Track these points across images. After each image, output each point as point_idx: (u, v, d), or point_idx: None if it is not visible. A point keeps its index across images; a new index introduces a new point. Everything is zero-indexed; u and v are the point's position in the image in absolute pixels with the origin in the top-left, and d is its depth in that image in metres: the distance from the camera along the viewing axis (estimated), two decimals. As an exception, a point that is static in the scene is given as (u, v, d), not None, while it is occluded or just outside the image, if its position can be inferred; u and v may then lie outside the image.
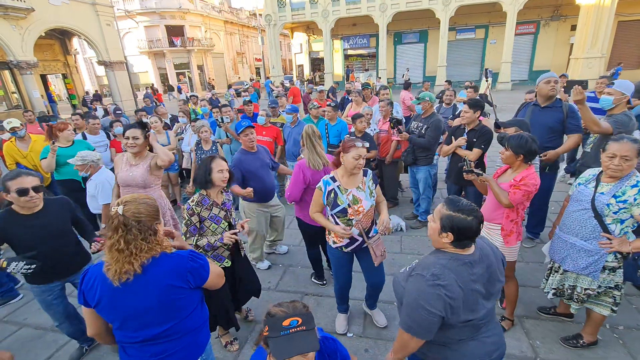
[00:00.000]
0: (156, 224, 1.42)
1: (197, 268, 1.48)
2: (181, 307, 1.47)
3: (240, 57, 33.35)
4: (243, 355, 2.62)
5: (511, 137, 2.39)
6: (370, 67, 23.92)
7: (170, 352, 1.48)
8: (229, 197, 2.55)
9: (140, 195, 1.45)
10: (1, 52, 13.50)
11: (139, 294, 1.36)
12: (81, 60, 23.77)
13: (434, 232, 1.46)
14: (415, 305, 1.35)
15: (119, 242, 1.33)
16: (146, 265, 1.37)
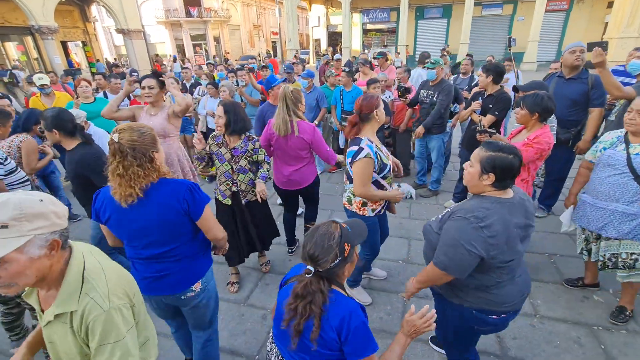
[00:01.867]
0: (152, 151, 1.45)
1: (193, 199, 1.51)
2: (180, 232, 1.54)
3: (256, 30, 32.74)
4: (239, 296, 2.83)
5: (526, 96, 2.35)
6: (389, 43, 23.18)
7: (172, 271, 1.60)
8: (246, 145, 2.51)
9: (135, 124, 1.48)
10: (23, 17, 13.68)
11: (142, 214, 1.46)
12: (100, 29, 23.84)
13: (473, 177, 1.45)
14: (455, 243, 1.38)
15: (118, 168, 1.40)
16: (147, 189, 1.44)
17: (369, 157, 2.02)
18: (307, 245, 1.14)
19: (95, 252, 1.11)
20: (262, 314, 2.62)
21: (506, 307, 1.50)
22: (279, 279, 2.99)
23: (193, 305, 1.72)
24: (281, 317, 1.17)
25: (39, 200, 0.90)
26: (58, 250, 0.95)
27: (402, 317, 2.51)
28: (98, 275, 1.01)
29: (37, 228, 0.88)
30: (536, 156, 2.27)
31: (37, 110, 3.01)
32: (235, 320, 2.55)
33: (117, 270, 1.09)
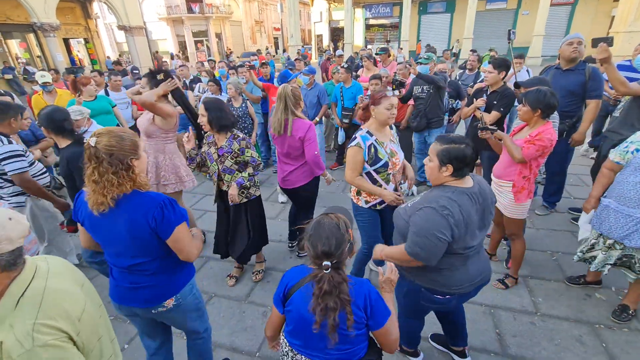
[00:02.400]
0: (131, 159, 1.37)
1: (162, 218, 1.41)
2: (150, 249, 1.46)
3: (258, 26, 32.62)
4: (240, 293, 2.84)
5: (529, 92, 2.32)
6: (391, 39, 23.01)
7: (144, 285, 1.52)
8: (230, 144, 2.42)
9: (116, 129, 1.42)
10: (26, 14, 13.70)
11: (111, 225, 1.40)
12: (102, 26, 23.82)
13: (433, 170, 1.55)
14: (426, 233, 1.45)
15: (93, 174, 1.34)
16: (119, 200, 1.37)
17: (359, 146, 2.14)
18: (317, 244, 1.15)
19: (57, 272, 1.04)
20: (262, 311, 2.63)
21: (452, 290, 1.62)
22: (279, 277, 2.99)
23: (165, 318, 1.66)
24: (307, 322, 1.18)
25: None
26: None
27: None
28: (33, 303, 0.92)
29: None
30: (537, 153, 2.25)
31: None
32: (236, 318, 2.56)
33: (63, 300, 0.98)
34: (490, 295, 2.64)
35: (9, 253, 0.91)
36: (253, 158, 2.52)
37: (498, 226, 2.87)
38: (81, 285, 1.12)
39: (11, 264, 0.92)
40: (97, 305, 1.17)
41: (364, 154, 2.14)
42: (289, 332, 1.31)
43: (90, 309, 1.08)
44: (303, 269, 1.30)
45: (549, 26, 17.64)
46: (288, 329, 1.31)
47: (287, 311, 1.27)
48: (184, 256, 1.53)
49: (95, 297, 1.19)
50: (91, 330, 1.06)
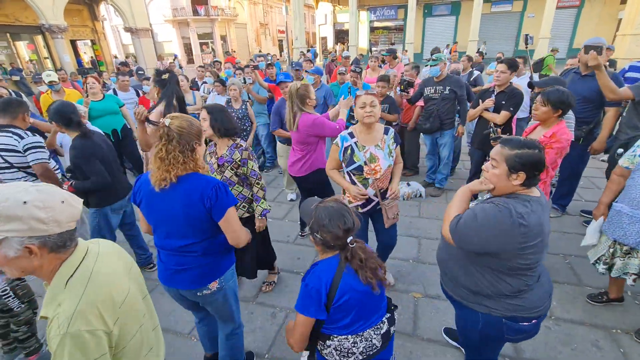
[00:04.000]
0: (195, 143, 1.52)
1: (217, 199, 1.50)
2: (201, 229, 1.55)
3: (263, 29, 32.75)
4: (248, 294, 2.79)
5: (550, 92, 2.25)
6: (396, 41, 22.99)
7: (190, 266, 1.60)
8: (231, 154, 2.22)
9: (187, 115, 1.58)
10: (34, 16, 13.84)
11: (170, 201, 1.50)
12: (108, 28, 24.02)
13: (500, 178, 1.34)
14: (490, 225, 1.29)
15: (162, 151, 1.47)
16: (181, 177, 1.48)
17: (336, 144, 2.27)
18: (336, 227, 1.24)
19: (106, 255, 1.05)
20: (271, 312, 2.60)
21: (538, 312, 1.43)
22: (288, 277, 2.97)
23: (209, 302, 1.72)
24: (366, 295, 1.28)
25: (22, 202, 0.84)
26: (43, 256, 0.90)
27: (413, 318, 2.47)
28: (79, 286, 0.93)
29: (11, 230, 0.83)
30: (557, 156, 2.20)
31: None
32: (245, 319, 2.51)
33: (108, 284, 0.98)
34: (502, 298, 2.59)
35: (57, 235, 0.90)
36: (254, 172, 2.29)
37: None
38: (128, 270, 1.12)
39: (60, 245, 0.92)
40: (142, 292, 1.17)
41: (339, 154, 2.25)
42: (348, 323, 1.29)
43: (135, 294, 1.08)
44: (324, 264, 1.31)
45: (555, 29, 17.59)
46: (345, 321, 1.29)
47: (339, 306, 1.25)
48: (234, 238, 1.61)
49: (141, 283, 1.19)
50: (133, 316, 1.04)
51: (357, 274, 1.27)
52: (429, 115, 4.08)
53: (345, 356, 1.31)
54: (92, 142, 2.53)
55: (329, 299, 1.25)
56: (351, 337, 1.30)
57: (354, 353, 1.30)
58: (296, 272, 3.06)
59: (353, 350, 1.30)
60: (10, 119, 2.45)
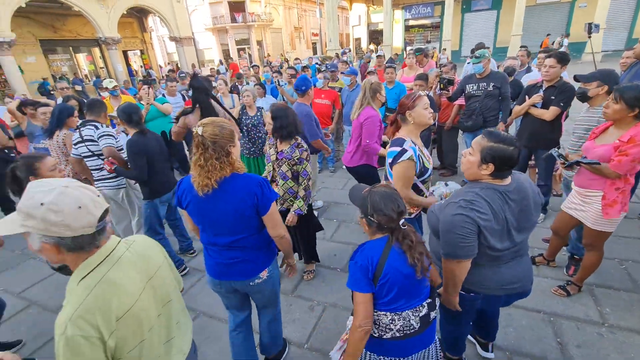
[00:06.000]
0: (230, 146, 1.55)
1: (262, 194, 1.59)
2: (248, 224, 1.64)
3: (297, 32, 33.36)
4: (287, 287, 2.91)
5: (625, 88, 2.02)
6: (432, 39, 22.38)
7: (241, 259, 1.71)
8: (292, 151, 2.47)
9: (217, 119, 1.59)
10: (92, 30, 15.24)
11: (216, 204, 1.57)
12: (154, 38, 25.77)
13: (473, 165, 1.47)
14: (450, 228, 1.42)
15: (200, 159, 1.51)
16: (221, 182, 1.54)
17: (412, 159, 1.92)
18: (390, 210, 1.33)
19: (126, 262, 1.05)
20: (309, 305, 2.69)
21: (475, 288, 1.58)
22: (325, 273, 3.05)
23: (259, 290, 1.83)
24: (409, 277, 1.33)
25: (40, 204, 0.88)
26: (62, 254, 0.95)
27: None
28: (82, 293, 0.94)
29: (30, 226, 0.89)
30: (634, 163, 1.98)
31: (69, 106, 3.46)
32: (284, 310, 2.62)
33: (102, 296, 0.95)
34: (549, 302, 2.48)
35: (71, 238, 0.93)
36: (305, 172, 2.52)
37: (558, 235, 2.63)
38: (149, 278, 1.11)
39: (77, 247, 0.95)
40: (162, 300, 1.16)
41: (416, 167, 1.96)
42: (389, 301, 1.36)
43: (143, 307, 1.05)
44: (372, 244, 1.39)
45: (610, 17, 16.14)
46: (387, 298, 1.35)
47: (383, 283, 1.32)
48: (276, 231, 1.71)
49: (166, 291, 1.18)
50: (133, 331, 1.01)
51: (404, 255, 1.34)
52: (471, 112, 3.96)
53: (383, 330, 1.39)
54: (145, 140, 2.83)
55: (375, 276, 1.32)
56: (389, 314, 1.37)
57: (391, 329, 1.38)
58: (333, 268, 3.13)
59: (390, 327, 1.37)
60: (95, 116, 3.06)
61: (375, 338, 1.40)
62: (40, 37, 15.71)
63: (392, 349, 1.40)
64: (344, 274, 3.03)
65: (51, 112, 3.65)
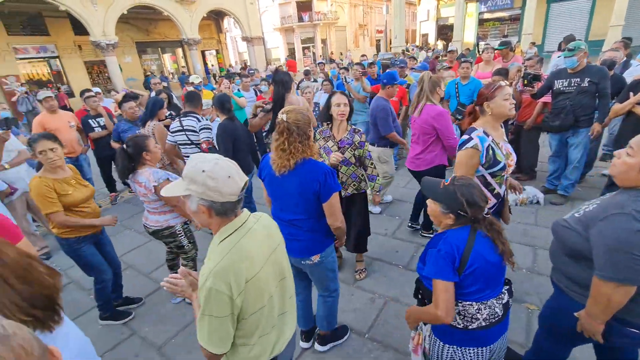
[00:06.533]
0: (309, 130, 1.71)
1: (325, 183, 1.70)
2: (310, 208, 1.78)
3: (362, 30, 33.15)
4: (349, 277, 2.94)
5: None
6: (509, 33, 20.51)
7: (299, 238, 1.85)
8: (352, 137, 2.56)
9: (297, 107, 1.77)
10: (177, 32, 16.94)
11: (287, 183, 1.73)
12: (228, 39, 27.74)
13: (633, 168, 1.24)
14: (624, 246, 1.18)
15: (284, 144, 1.67)
16: (298, 164, 1.69)
17: (476, 148, 1.87)
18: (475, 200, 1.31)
19: (256, 233, 1.19)
20: (370, 297, 2.72)
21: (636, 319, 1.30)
22: (386, 268, 3.05)
23: (311, 272, 1.99)
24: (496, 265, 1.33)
25: (201, 171, 1.05)
26: (211, 216, 1.11)
27: (526, 329, 2.28)
28: (220, 253, 1.09)
29: (192, 190, 1.07)
30: None
31: (160, 99, 3.91)
32: (345, 299, 2.70)
33: (236, 260, 1.09)
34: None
35: (220, 203, 1.09)
36: (369, 153, 2.70)
37: None
38: (272, 251, 1.24)
39: (222, 212, 1.11)
40: (280, 274, 1.28)
41: (481, 157, 1.90)
42: (476, 290, 1.33)
43: (265, 276, 1.18)
44: (454, 233, 1.36)
45: None
46: (473, 287, 1.33)
47: (470, 273, 1.30)
48: (333, 220, 1.81)
49: (284, 266, 1.30)
50: (256, 295, 1.14)
51: (491, 243, 1.34)
52: (560, 111, 3.57)
53: (470, 321, 1.35)
54: (234, 126, 3.18)
55: (460, 265, 1.30)
56: (476, 304, 1.34)
57: (478, 319, 1.34)
58: (394, 264, 3.11)
59: (477, 317, 1.34)
60: (193, 107, 3.43)
61: (459, 329, 1.37)
62: (136, 39, 17.95)
63: (477, 338, 1.37)
64: (406, 271, 2.99)
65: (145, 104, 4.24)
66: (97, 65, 16.56)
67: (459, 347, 1.39)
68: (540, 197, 3.88)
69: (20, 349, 0.56)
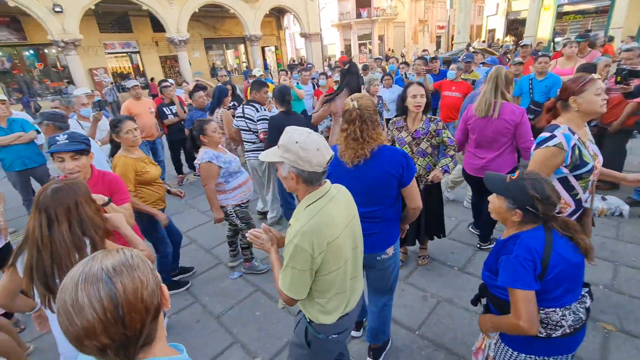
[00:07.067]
0: (376, 117, 1.68)
1: (408, 165, 1.67)
2: (386, 195, 1.71)
3: (422, 26, 31.88)
4: (401, 273, 2.89)
5: None
6: (594, 27, 18.26)
7: (372, 232, 1.74)
8: (428, 126, 2.50)
9: (365, 94, 1.75)
10: (241, 29, 17.84)
11: (360, 174, 1.65)
12: (287, 35, 28.52)
13: None
14: None
15: (355, 132, 1.61)
16: (374, 151, 1.65)
17: (560, 147, 1.67)
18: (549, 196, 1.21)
19: (338, 202, 1.30)
20: (422, 294, 2.66)
21: None
22: (441, 268, 2.95)
23: (383, 268, 1.86)
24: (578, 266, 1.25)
25: (295, 142, 1.17)
26: (298, 183, 1.23)
27: (600, 350, 2.06)
28: (309, 214, 1.22)
29: (285, 157, 1.19)
30: None
31: (225, 88, 4.22)
32: (397, 294, 2.62)
33: (321, 223, 1.21)
34: None
35: (308, 172, 1.19)
36: (450, 139, 2.57)
37: None
38: (349, 220, 1.34)
39: (309, 180, 1.23)
40: (354, 243, 1.38)
41: (566, 157, 1.69)
42: (560, 295, 1.23)
43: (343, 241, 1.28)
44: (529, 235, 1.26)
45: None
46: (556, 293, 1.23)
47: (552, 278, 1.20)
48: (416, 202, 1.77)
49: (357, 235, 1.40)
50: (335, 257, 1.26)
51: (570, 243, 1.25)
52: None
53: (553, 329, 1.25)
54: (289, 118, 3.20)
55: (542, 271, 1.20)
56: (559, 310, 1.24)
57: (562, 326, 1.24)
58: (449, 265, 2.99)
59: (562, 323, 1.24)
60: (256, 91, 3.56)
61: (541, 339, 1.26)
62: (205, 36, 19.28)
63: (560, 346, 1.27)
64: (462, 274, 2.86)
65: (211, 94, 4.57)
66: (169, 59, 18.16)
67: (538, 357, 1.29)
68: (625, 209, 3.43)
69: (139, 280, 0.66)
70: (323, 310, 1.34)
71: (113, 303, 0.61)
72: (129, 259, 0.68)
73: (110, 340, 0.61)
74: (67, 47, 11.89)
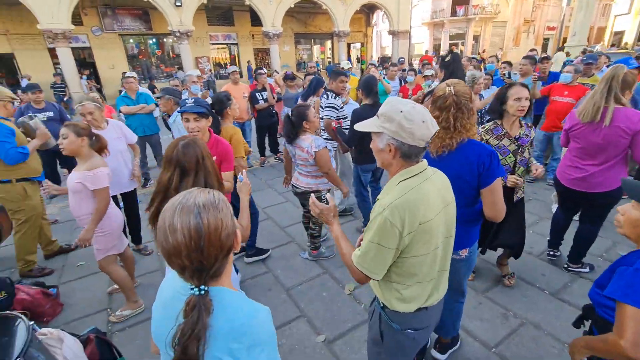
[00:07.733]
0: (472, 106, 1.54)
1: (490, 165, 1.50)
2: (463, 194, 1.55)
3: (526, 26, 28.54)
4: (479, 285, 2.66)
5: None
6: None
7: None
8: (529, 133, 2.25)
9: (457, 79, 1.59)
10: (330, 25, 18.24)
11: (444, 166, 1.48)
12: (374, 33, 28.26)
13: None
14: None
15: (448, 120, 1.49)
16: (460, 144, 1.52)
17: None
18: None
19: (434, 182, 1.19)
20: (502, 312, 2.41)
21: None
22: (528, 289, 2.66)
23: (454, 270, 1.70)
24: None
25: (399, 111, 1.07)
26: (395, 157, 1.13)
27: None
28: (400, 191, 1.11)
29: (386, 128, 1.09)
30: None
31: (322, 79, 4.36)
32: (471, 305, 2.48)
33: (415, 200, 1.11)
34: None
35: (408, 146, 1.09)
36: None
37: None
38: (444, 206, 1.21)
39: (407, 155, 1.12)
40: (447, 232, 1.25)
41: None
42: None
43: (436, 226, 1.16)
44: None
45: None
46: None
47: None
48: (492, 210, 1.56)
49: (450, 225, 1.26)
50: (424, 240, 1.14)
51: None
52: None
53: None
54: (367, 112, 3.08)
55: None
56: None
57: None
58: (538, 287, 2.66)
59: None
60: (332, 80, 3.55)
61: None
62: (295, 30, 20.22)
63: None
64: (554, 299, 2.53)
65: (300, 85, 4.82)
66: (261, 52, 19.52)
67: None
68: None
69: (220, 221, 0.78)
70: (400, 297, 1.23)
71: (198, 233, 0.73)
72: (216, 201, 0.80)
73: (189, 262, 0.74)
74: (181, 37, 13.62)
